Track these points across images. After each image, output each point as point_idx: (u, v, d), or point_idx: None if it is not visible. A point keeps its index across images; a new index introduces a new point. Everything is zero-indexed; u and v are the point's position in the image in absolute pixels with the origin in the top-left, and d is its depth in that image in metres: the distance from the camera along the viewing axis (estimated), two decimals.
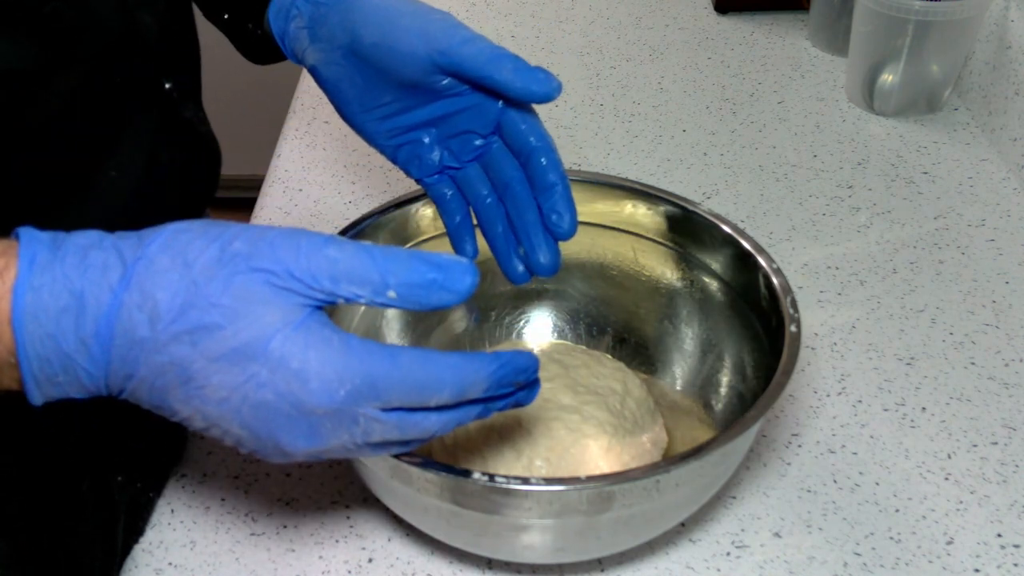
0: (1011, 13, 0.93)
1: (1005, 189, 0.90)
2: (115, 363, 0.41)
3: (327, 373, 0.41)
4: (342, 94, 0.60)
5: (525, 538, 0.53)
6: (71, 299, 0.40)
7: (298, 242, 0.42)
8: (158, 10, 0.59)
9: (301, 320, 0.41)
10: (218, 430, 0.43)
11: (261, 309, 0.41)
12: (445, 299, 0.42)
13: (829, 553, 0.60)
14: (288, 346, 0.41)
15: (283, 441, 0.42)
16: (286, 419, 0.42)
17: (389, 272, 0.42)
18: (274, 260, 0.41)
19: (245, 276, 0.41)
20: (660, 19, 1.16)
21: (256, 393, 0.41)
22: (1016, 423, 0.68)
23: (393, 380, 0.42)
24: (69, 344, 0.40)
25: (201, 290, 0.41)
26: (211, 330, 0.41)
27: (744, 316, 0.63)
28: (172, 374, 0.41)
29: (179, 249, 0.42)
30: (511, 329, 0.71)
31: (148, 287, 0.41)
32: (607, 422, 0.61)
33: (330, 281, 0.41)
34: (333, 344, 0.41)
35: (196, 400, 0.42)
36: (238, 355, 0.41)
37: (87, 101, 0.55)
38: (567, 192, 0.58)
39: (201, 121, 0.67)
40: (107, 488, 0.60)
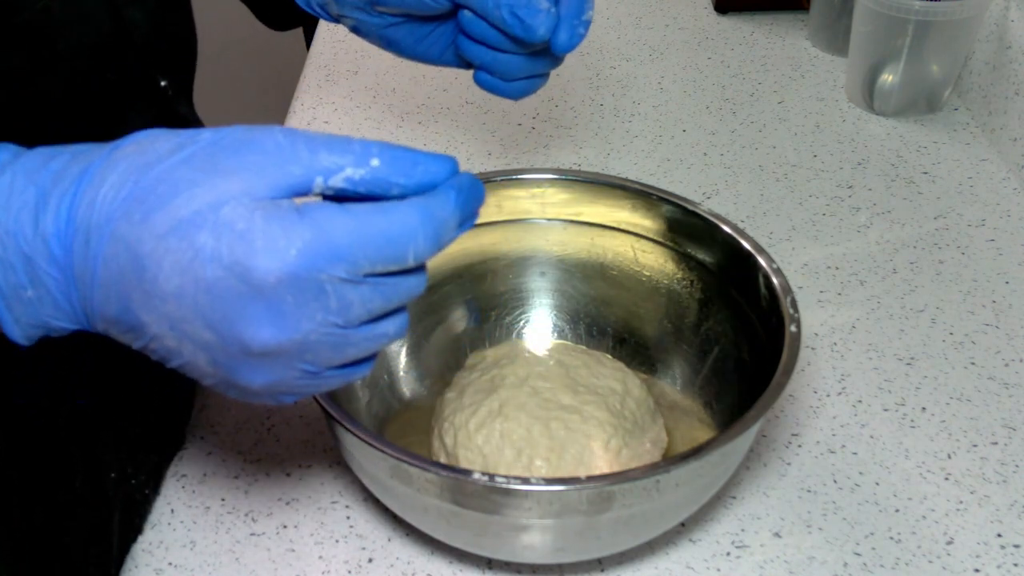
0: (1011, 13, 0.93)
1: (1005, 189, 0.90)
2: (76, 263, 0.38)
3: (273, 231, 0.36)
4: (387, 39, 0.60)
5: (525, 538, 0.53)
6: (31, 194, 0.38)
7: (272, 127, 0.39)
8: (148, 7, 0.59)
9: (262, 196, 0.37)
10: (188, 345, 0.39)
11: (222, 179, 0.37)
12: (432, 170, 0.39)
13: (829, 553, 0.60)
14: (238, 210, 0.37)
15: (246, 332, 0.37)
16: (240, 299, 0.37)
17: (372, 144, 0.39)
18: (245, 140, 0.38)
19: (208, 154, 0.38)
20: (660, 19, 1.16)
21: (205, 270, 0.37)
22: (1016, 423, 0.68)
23: (352, 232, 0.37)
24: (29, 242, 0.38)
25: (157, 166, 0.37)
26: (163, 201, 0.37)
27: (744, 316, 0.63)
28: (127, 265, 0.37)
29: (146, 141, 0.39)
30: (511, 329, 0.71)
31: (105, 174, 0.38)
32: (607, 422, 0.61)
33: (308, 149, 0.38)
34: (283, 207, 0.37)
35: (155, 299, 0.38)
36: (186, 225, 0.36)
37: (81, 100, 0.55)
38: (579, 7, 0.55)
39: (195, 119, 0.67)
40: (101, 484, 0.60)
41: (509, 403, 0.62)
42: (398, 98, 1.00)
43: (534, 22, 0.53)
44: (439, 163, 0.39)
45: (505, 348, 0.69)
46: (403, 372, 0.68)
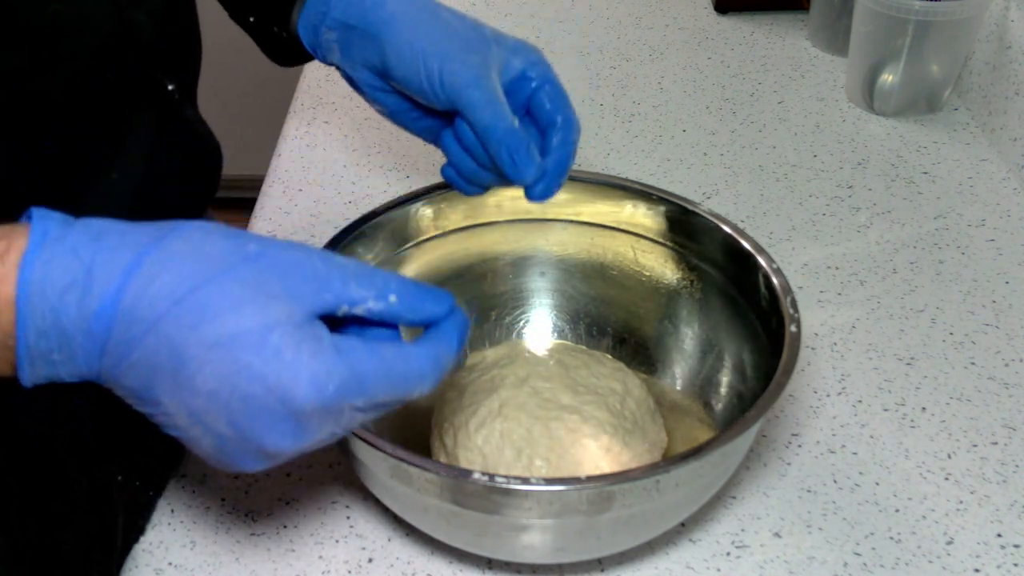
0: (1011, 13, 0.93)
1: (1005, 189, 0.90)
2: (112, 343, 0.41)
3: (317, 368, 0.41)
4: (379, 102, 0.63)
5: (525, 538, 0.53)
6: (80, 274, 0.40)
7: (308, 249, 0.44)
8: (153, 10, 0.59)
9: (303, 321, 0.42)
10: (199, 429, 0.42)
11: (268, 302, 0.41)
12: (435, 309, 0.45)
13: (829, 553, 0.60)
14: (285, 339, 0.41)
15: (268, 441, 0.42)
16: (273, 417, 0.41)
17: (391, 279, 0.44)
18: (287, 261, 0.42)
19: (256, 272, 0.41)
20: (660, 19, 1.16)
21: (246, 385, 0.41)
22: (1016, 423, 0.68)
23: (379, 375, 0.43)
24: (70, 320, 0.40)
25: (211, 278, 0.41)
26: (214, 315, 0.40)
27: (744, 316, 0.63)
28: (165, 359, 0.41)
29: (196, 241, 0.42)
30: (511, 329, 0.71)
31: (158, 270, 0.41)
32: (607, 422, 0.61)
33: (340, 281, 0.43)
34: (324, 342, 0.42)
35: (185, 391, 0.41)
36: (235, 342, 0.40)
37: (85, 102, 0.55)
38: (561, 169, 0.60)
39: (200, 121, 0.68)
40: (106, 487, 0.60)
41: (509, 403, 0.62)
42: None
43: (525, 170, 0.58)
44: (441, 304, 0.46)
45: (505, 348, 0.69)
46: None
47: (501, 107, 0.58)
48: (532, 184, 0.59)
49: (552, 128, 0.60)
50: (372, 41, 0.60)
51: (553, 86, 0.60)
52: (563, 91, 0.61)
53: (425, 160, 0.92)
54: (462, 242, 0.70)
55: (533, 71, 0.60)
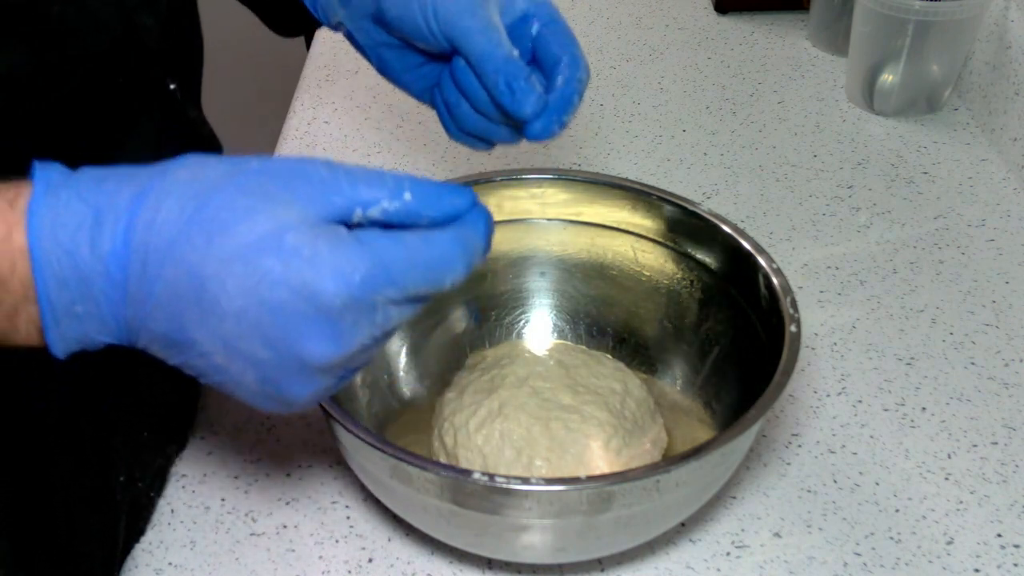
0: (1011, 13, 0.93)
1: (1005, 189, 0.90)
2: (132, 283, 0.40)
3: (339, 259, 0.40)
4: (380, 58, 0.61)
5: (525, 538, 0.53)
6: (88, 214, 0.40)
7: (312, 159, 0.42)
8: (159, 11, 0.59)
9: (316, 223, 0.40)
10: (239, 362, 0.41)
11: (278, 207, 0.40)
12: (456, 203, 0.43)
13: (829, 553, 0.60)
14: (301, 237, 0.40)
15: (307, 349, 0.40)
16: (306, 320, 0.40)
17: (403, 177, 0.43)
18: (290, 169, 0.41)
19: (260, 182, 0.40)
20: (660, 19, 1.16)
21: (271, 293, 0.39)
22: (1016, 423, 0.68)
23: (405, 262, 0.41)
24: (86, 261, 0.39)
25: (216, 193, 0.40)
26: (225, 226, 0.39)
27: (744, 316, 0.63)
28: (187, 286, 0.40)
29: (196, 167, 0.41)
30: (511, 329, 0.71)
31: (162, 197, 0.40)
32: (607, 422, 0.61)
33: (348, 182, 0.41)
34: (342, 235, 0.41)
35: (213, 318, 0.40)
36: (251, 250, 0.39)
37: (90, 103, 0.55)
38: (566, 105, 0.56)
39: (202, 122, 0.68)
40: (109, 488, 0.60)
41: (509, 403, 0.62)
42: (398, 98, 1.00)
43: (524, 100, 0.54)
44: (462, 196, 0.43)
45: (505, 348, 0.69)
46: (403, 372, 0.68)
47: (497, 34, 0.54)
48: (532, 118, 0.55)
49: (558, 66, 0.55)
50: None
51: (559, 25, 0.56)
52: (570, 31, 0.57)
53: (425, 160, 0.92)
54: None
55: (537, 11, 0.56)
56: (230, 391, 0.43)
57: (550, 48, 0.56)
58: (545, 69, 0.56)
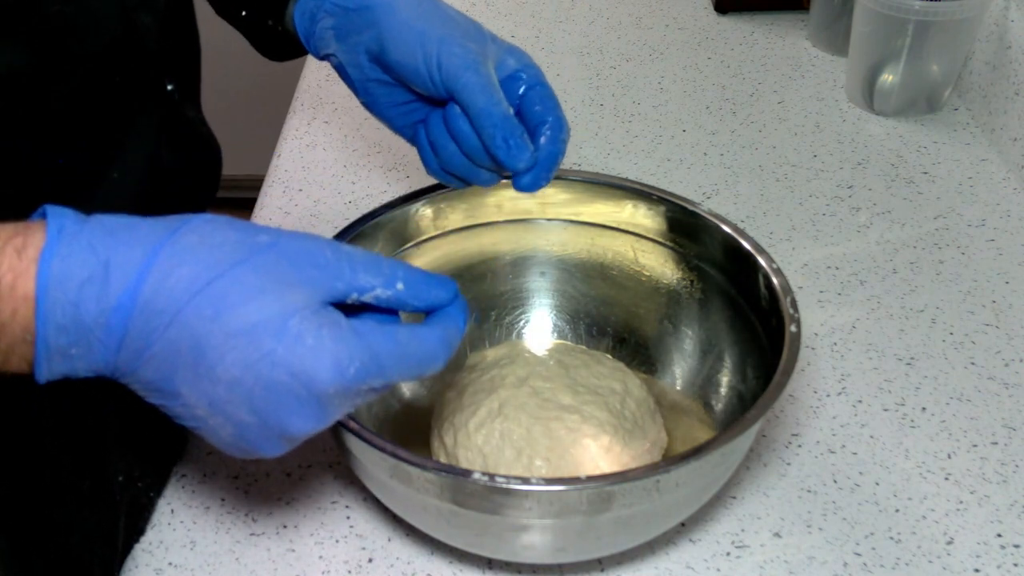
0: (1011, 13, 0.93)
1: (1005, 189, 0.90)
2: (131, 337, 0.41)
3: (339, 351, 0.42)
4: (367, 92, 0.63)
5: (525, 538, 0.53)
6: (98, 269, 0.40)
7: (317, 238, 0.45)
8: (157, 10, 0.59)
9: (319, 307, 0.43)
10: (219, 419, 0.43)
11: (285, 289, 0.42)
12: (440, 295, 0.47)
13: (829, 553, 0.60)
14: (305, 325, 0.42)
15: (291, 424, 0.43)
16: (296, 401, 0.42)
17: (397, 266, 0.46)
18: (298, 250, 0.43)
19: (270, 261, 0.42)
20: (660, 19, 1.16)
21: (269, 372, 0.41)
22: (1016, 423, 0.68)
23: (395, 357, 0.44)
24: (90, 314, 0.40)
25: (227, 269, 0.41)
26: (234, 304, 0.41)
27: (744, 316, 0.63)
28: (186, 350, 0.41)
29: (207, 233, 0.42)
30: (511, 329, 0.71)
31: (174, 263, 0.41)
32: (607, 422, 0.61)
33: (350, 268, 0.44)
34: (343, 326, 0.43)
35: (206, 381, 0.42)
36: (257, 330, 0.41)
37: (89, 103, 0.55)
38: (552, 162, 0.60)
39: (201, 122, 0.68)
40: (108, 488, 0.60)
41: (509, 403, 0.62)
42: None
43: (519, 155, 0.58)
44: (445, 290, 0.47)
45: (505, 348, 0.69)
46: None
47: (497, 93, 0.58)
48: (523, 172, 0.59)
49: (542, 126, 0.60)
50: (370, 24, 0.59)
51: (544, 88, 0.60)
52: (553, 94, 0.61)
53: None
54: (462, 242, 0.70)
55: (526, 72, 0.60)
56: (202, 435, 0.45)
57: (534, 108, 0.60)
58: (530, 126, 0.60)
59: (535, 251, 0.71)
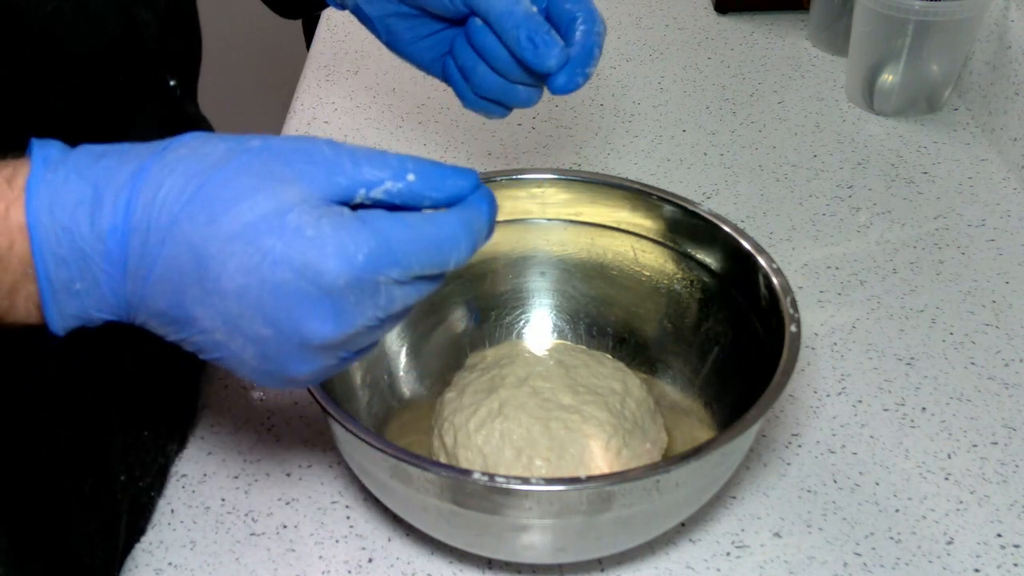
0: (1011, 13, 0.93)
1: (1005, 189, 0.90)
2: (132, 260, 0.40)
3: (342, 238, 0.39)
4: (390, 29, 0.61)
5: (525, 538, 0.53)
6: (87, 191, 0.39)
7: (314, 138, 0.42)
8: (158, 8, 0.59)
9: (319, 202, 0.40)
10: (239, 339, 0.41)
11: (279, 186, 0.40)
12: (459, 184, 0.43)
13: (829, 553, 0.60)
14: (303, 217, 0.39)
15: (308, 328, 0.40)
16: (308, 300, 0.40)
17: (406, 158, 0.42)
18: (293, 148, 0.41)
19: (262, 160, 0.40)
20: (660, 19, 1.16)
21: (273, 272, 0.39)
22: (1016, 423, 0.68)
23: (409, 240, 0.41)
24: (85, 238, 0.39)
25: (218, 171, 0.40)
26: (226, 206, 0.39)
27: (744, 316, 0.63)
28: (188, 264, 0.39)
29: (196, 145, 0.41)
30: (511, 329, 0.71)
31: (164, 174, 0.40)
32: (607, 422, 0.61)
33: (352, 162, 0.41)
34: (345, 214, 0.40)
35: (214, 296, 0.40)
36: (253, 230, 0.39)
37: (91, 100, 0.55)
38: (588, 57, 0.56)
39: (201, 118, 0.68)
40: (109, 488, 0.60)
41: (509, 403, 0.62)
42: (398, 98, 1.00)
43: (548, 53, 0.54)
44: (465, 177, 0.43)
45: (505, 348, 0.69)
46: (403, 372, 0.68)
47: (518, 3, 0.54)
48: (556, 70, 0.55)
49: (574, 22, 0.55)
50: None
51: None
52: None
53: None
54: None
55: None
56: (230, 367, 0.43)
57: (564, 6, 0.56)
58: (561, 27, 0.56)
59: (535, 251, 0.71)
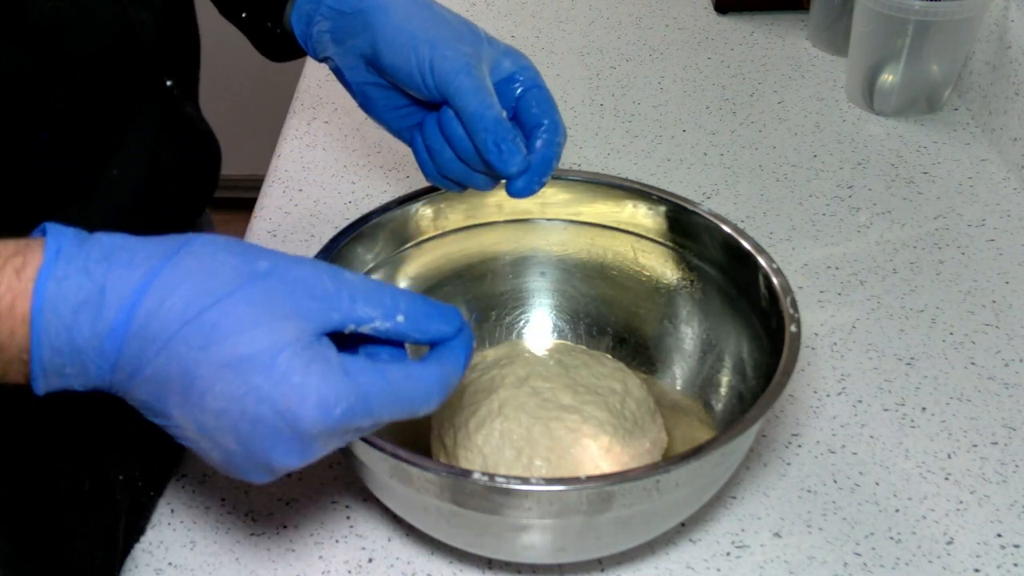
0: (1011, 13, 0.93)
1: (1005, 189, 0.90)
2: (123, 361, 0.41)
3: (324, 391, 0.41)
4: (366, 95, 0.63)
5: (525, 538, 0.53)
6: (93, 293, 0.41)
7: (317, 265, 0.44)
8: (155, 7, 0.59)
9: (311, 340, 0.42)
10: (208, 443, 0.43)
11: (277, 322, 0.41)
12: (443, 328, 0.46)
13: (829, 553, 0.60)
14: (294, 361, 0.41)
15: (275, 459, 0.43)
16: (280, 437, 0.42)
17: (400, 296, 0.45)
18: (297, 278, 0.43)
19: (266, 291, 0.42)
20: (660, 19, 1.16)
21: (255, 407, 0.41)
22: (1016, 423, 0.68)
23: (385, 398, 0.43)
24: (83, 338, 0.41)
25: (220, 298, 0.41)
26: (224, 336, 0.41)
27: (744, 316, 0.63)
28: (176, 377, 0.41)
29: (205, 257, 0.42)
30: (511, 329, 0.71)
31: (169, 288, 0.41)
32: (607, 422, 0.61)
33: (348, 299, 0.43)
34: (332, 364, 0.42)
35: (195, 408, 0.42)
36: (245, 364, 0.41)
37: (88, 100, 0.55)
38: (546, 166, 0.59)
39: (200, 119, 0.68)
40: (109, 488, 0.60)
41: (509, 403, 0.62)
42: None
43: (511, 160, 0.57)
44: (448, 323, 0.46)
45: (505, 348, 0.69)
46: None
47: (490, 96, 0.57)
48: (516, 176, 0.58)
49: (538, 129, 0.59)
50: (364, 28, 0.59)
51: (541, 91, 0.60)
52: (550, 97, 0.60)
53: None
54: (462, 242, 0.70)
55: (522, 74, 0.60)
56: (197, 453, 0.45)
57: (531, 111, 0.59)
58: (525, 129, 0.59)
59: (535, 251, 0.71)
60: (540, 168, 0.58)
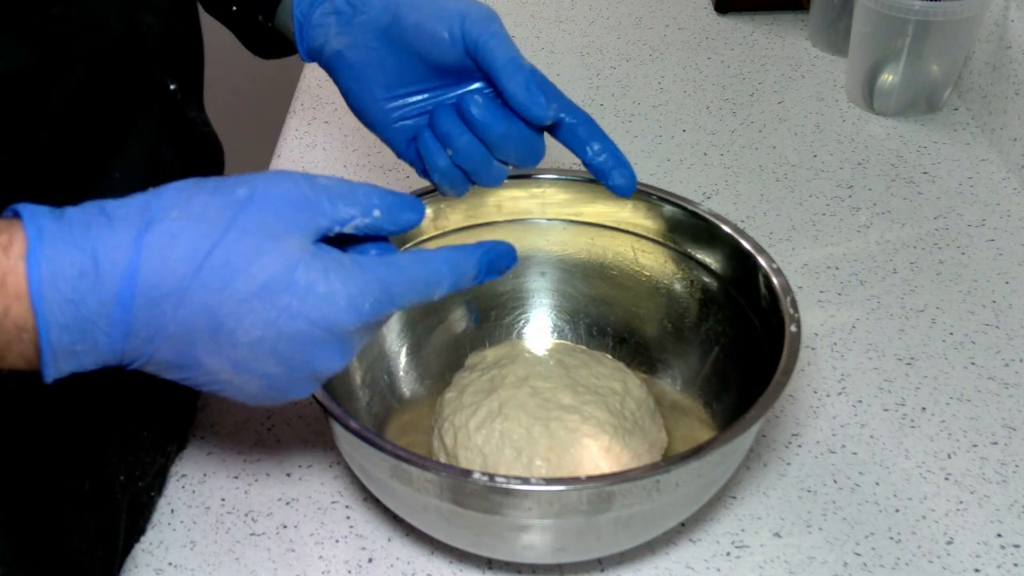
0: (1011, 13, 0.93)
1: (1005, 189, 0.90)
2: (137, 324, 0.41)
3: (351, 291, 0.43)
4: (365, 79, 0.60)
5: (525, 538, 0.53)
6: (86, 261, 0.41)
7: (292, 176, 0.45)
8: (160, 10, 0.59)
9: (314, 250, 0.43)
10: (243, 378, 0.44)
11: (280, 243, 0.43)
12: (413, 218, 0.48)
13: (829, 553, 0.60)
14: (311, 273, 0.43)
15: (320, 367, 0.45)
16: (320, 344, 0.44)
17: (371, 193, 0.46)
18: (278, 196, 0.43)
19: (256, 216, 0.43)
20: (660, 19, 1.16)
21: (290, 325, 0.43)
22: (1016, 423, 0.68)
23: (403, 283, 0.45)
24: (90, 308, 0.41)
25: (219, 237, 0.42)
26: (238, 271, 0.42)
27: (744, 316, 0.63)
28: (202, 324, 0.42)
29: (184, 205, 0.43)
30: (511, 329, 0.71)
31: (165, 243, 0.41)
32: (607, 422, 0.61)
33: (329, 202, 0.44)
34: (346, 264, 0.44)
35: (227, 346, 0.43)
36: (267, 290, 0.42)
37: (91, 102, 0.55)
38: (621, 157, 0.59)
39: (203, 122, 0.67)
40: (109, 488, 0.60)
41: (509, 403, 0.62)
42: None
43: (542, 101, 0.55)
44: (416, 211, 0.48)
45: (505, 348, 0.69)
46: (403, 372, 0.68)
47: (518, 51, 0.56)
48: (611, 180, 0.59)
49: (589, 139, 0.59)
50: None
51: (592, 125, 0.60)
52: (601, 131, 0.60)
53: None
54: (462, 242, 0.69)
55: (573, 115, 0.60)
56: (225, 395, 0.46)
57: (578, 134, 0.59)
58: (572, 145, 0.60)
59: (535, 251, 0.71)
60: (618, 160, 0.59)
